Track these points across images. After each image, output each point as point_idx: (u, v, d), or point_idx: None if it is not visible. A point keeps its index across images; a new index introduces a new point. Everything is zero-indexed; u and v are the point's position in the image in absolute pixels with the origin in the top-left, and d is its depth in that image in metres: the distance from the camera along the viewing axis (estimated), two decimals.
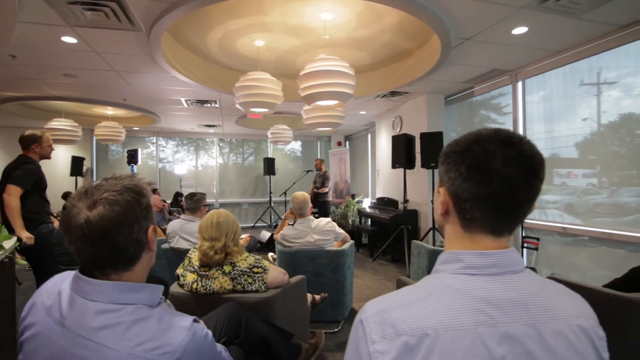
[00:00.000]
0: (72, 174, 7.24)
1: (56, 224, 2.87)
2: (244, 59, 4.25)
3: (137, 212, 0.80)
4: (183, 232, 2.92)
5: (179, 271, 1.81)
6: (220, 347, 0.95)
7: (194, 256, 1.77)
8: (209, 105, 5.77)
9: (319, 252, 2.79)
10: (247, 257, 1.75)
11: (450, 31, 3.10)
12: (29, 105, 5.87)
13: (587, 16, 2.84)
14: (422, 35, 3.68)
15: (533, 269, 3.86)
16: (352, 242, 3.09)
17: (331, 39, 3.76)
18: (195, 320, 0.85)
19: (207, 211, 2.10)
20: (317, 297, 2.52)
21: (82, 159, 7.38)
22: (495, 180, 0.59)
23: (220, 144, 9.37)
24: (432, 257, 2.86)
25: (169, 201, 7.35)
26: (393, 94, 5.16)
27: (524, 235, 4.08)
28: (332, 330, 2.83)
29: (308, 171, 7.76)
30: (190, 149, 9.25)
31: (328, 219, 2.95)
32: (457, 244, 0.65)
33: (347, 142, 9.54)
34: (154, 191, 6.96)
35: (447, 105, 5.42)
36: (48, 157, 2.72)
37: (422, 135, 4.63)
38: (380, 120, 6.67)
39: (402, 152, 4.71)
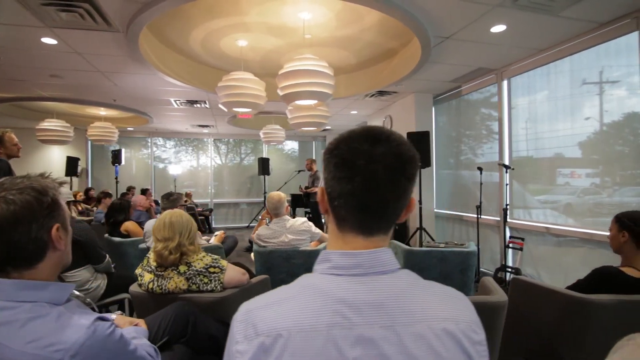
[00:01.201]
0: (67, 174, 7.28)
1: None
2: (228, 59, 4.25)
3: (37, 211, 0.80)
4: None
5: (138, 271, 1.81)
6: (136, 345, 0.95)
7: (152, 256, 1.77)
8: (198, 105, 5.78)
9: (294, 252, 2.78)
10: (203, 256, 1.75)
11: (428, 30, 3.08)
12: (22, 106, 5.92)
13: (565, 13, 2.81)
14: (405, 35, 3.65)
15: (517, 269, 3.83)
16: None
17: (315, 39, 3.75)
18: (101, 319, 0.84)
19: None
20: None
21: (77, 159, 7.43)
22: (357, 179, 0.58)
23: (218, 144, 9.41)
24: (408, 257, 2.85)
25: None
26: (381, 93, 5.14)
27: (509, 235, 4.05)
28: None
29: (300, 171, 7.74)
30: (186, 149, 9.29)
31: (304, 219, 2.94)
32: (333, 243, 0.64)
33: None
34: (145, 191, 7.00)
35: (436, 104, 5.39)
36: (16, 155, 2.72)
37: (409, 134, 4.61)
38: (372, 119, 6.65)
39: None
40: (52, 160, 7.71)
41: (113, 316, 1.35)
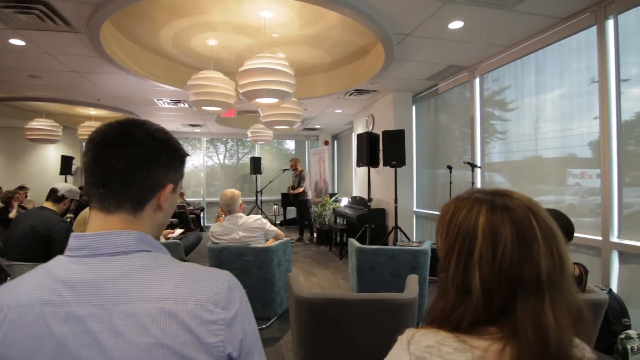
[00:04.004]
0: (61, 173, 7.45)
1: None
2: (202, 58, 4.30)
3: None
4: None
5: None
6: None
7: None
8: (182, 105, 5.86)
9: (245, 249, 2.81)
10: None
11: (385, 27, 3.07)
12: (14, 106, 6.09)
13: (520, 8, 2.76)
14: (371, 33, 3.64)
15: None
16: (286, 239, 3.10)
17: (283, 38, 3.77)
18: None
19: None
20: None
21: (72, 158, 7.59)
22: (90, 152, 0.64)
23: (216, 144, 9.52)
24: (360, 255, 2.84)
25: None
26: (360, 92, 5.13)
27: None
28: (260, 327, 2.84)
29: (285, 170, 7.76)
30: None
31: (258, 216, 2.96)
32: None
33: (335, 142, 9.52)
34: None
35: (416, 103, 5.35)
36: None
37: (384, 133, 4.59)
38: (357, 118, 6.64)
39: (365, 150, 4.67)
40: (47, 159, 7.90)
41: None
